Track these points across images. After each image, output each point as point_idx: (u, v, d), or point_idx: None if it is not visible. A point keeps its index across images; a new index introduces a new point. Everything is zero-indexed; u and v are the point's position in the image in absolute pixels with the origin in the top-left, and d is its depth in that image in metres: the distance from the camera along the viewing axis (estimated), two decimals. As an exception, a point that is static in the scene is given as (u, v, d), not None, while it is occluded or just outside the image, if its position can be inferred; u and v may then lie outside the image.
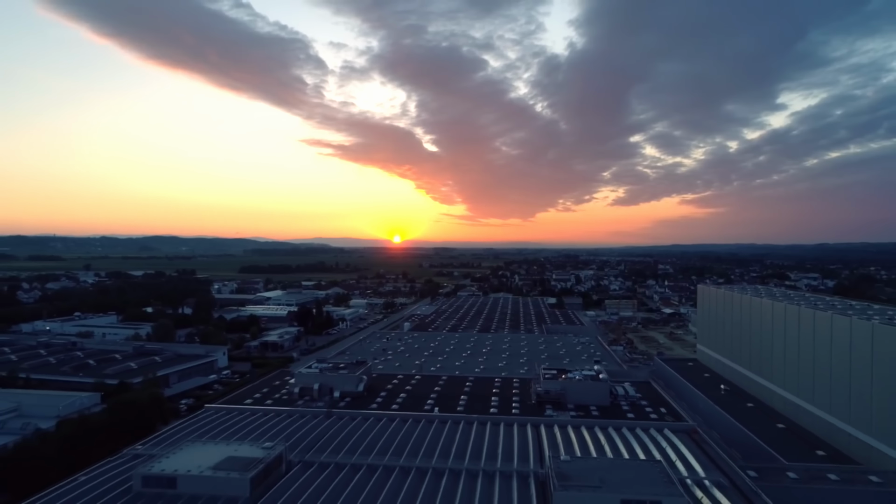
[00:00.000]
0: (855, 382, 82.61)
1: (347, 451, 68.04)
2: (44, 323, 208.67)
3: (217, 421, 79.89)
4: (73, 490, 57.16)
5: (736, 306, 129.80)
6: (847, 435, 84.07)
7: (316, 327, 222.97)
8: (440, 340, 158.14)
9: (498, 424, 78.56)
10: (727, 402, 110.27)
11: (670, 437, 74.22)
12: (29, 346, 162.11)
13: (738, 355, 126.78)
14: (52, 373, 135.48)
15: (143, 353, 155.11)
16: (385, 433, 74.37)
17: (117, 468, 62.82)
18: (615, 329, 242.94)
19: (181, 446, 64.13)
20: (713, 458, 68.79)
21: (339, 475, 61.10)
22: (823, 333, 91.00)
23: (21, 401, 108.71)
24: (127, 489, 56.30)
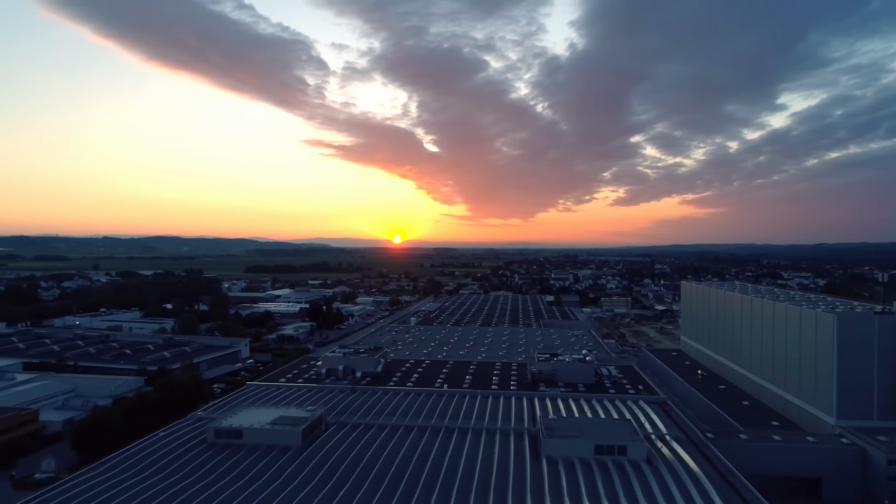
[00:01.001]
0: (803, 362, 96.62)
1: (373, 415, 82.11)
2: (73, 318, 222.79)
3: (260, 393, 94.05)
4: (157, 442, 71.19)
5: (712, 300, 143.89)
6: (797, 408, 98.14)
7: (327, 322, 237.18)
8: (445, 333, 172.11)
9: (498, 397, 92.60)
10: (702, 385, 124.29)
11: (643, 406, 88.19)
12: (66, 338, 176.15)
13: (714, 344, 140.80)
14: (96, 360, 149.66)
15: (173, 343, 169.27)
16: (403, 403, 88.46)
17: (187, 427, 76.91)
18: (609, 324, 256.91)
19: (238, 410, 78.28)
20: (677, 422, 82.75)
21: (369, 432, 75.09)
22: (779, 321, 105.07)
23: (77, 383, 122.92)
24: (202, 440, 70.41)
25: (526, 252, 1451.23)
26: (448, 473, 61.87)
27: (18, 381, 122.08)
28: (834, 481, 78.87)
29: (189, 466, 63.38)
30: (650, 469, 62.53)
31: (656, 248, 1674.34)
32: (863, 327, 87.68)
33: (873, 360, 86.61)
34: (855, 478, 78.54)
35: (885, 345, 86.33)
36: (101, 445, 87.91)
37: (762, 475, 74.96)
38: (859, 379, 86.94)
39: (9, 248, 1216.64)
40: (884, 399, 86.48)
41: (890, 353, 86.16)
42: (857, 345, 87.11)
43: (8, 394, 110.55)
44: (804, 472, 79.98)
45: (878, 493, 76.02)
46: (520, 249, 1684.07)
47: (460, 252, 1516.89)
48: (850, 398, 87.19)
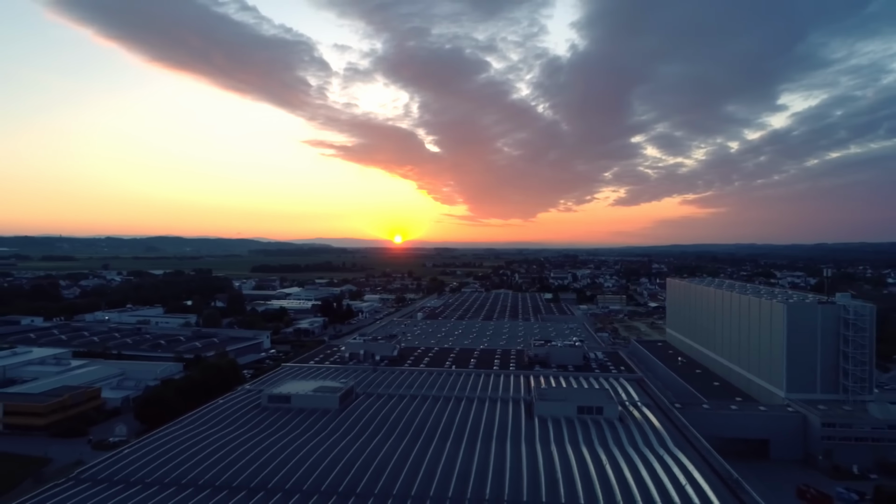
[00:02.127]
0: (762, 345, 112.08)
1: (394, 388, 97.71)
2: (103, 313, 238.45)
3: (294, 372, 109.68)
4: (218, 407, 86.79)
5: (692, 295, 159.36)
6: (757, 385, 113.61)
7: (338, 318, 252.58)
8: (450, 326, 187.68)
9: (499, 375, 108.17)
10: (680, 369, 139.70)
11: (622, 382, 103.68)
12: (102, 331, 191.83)
13: (693, 334, 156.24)
14: (134, 349, 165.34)
15: (201, 335, 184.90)
16: (418, 379, 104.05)
17: (240, 396, 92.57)
18: (603, 320, 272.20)
19: (283, 382, 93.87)
20: (650, 394, 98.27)
21: (391, 400, 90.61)
22: (743, 311, 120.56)
23: (125, 368, 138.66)
24: (256, 405, 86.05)
25: (526, 252, 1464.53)
26: (459, 428, 77.41)
27: (74, 366, 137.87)
28: (779, 442, 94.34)
29: (251, 422, 79.02)
30: (621, 425, 78.03)
31: (657, 248, 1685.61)
32: (808, 315, 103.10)
33: (817, 342, 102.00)
34: (796, 439, 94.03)
35: (827, 330, 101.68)
36: (159, 416, 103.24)
37: (720, 437, 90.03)
38: (805, 359, 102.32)
39: (13, 248, 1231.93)
40: (825, 375, 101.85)
41: (830, 337, 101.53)
42: (803, 330, 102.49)
43: (70, 376, 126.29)
44: (755, 434, 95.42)
45: (815, 451, 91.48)
46: (520, 249, 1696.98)
47: (461, 252, 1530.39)
48: (797, 375, 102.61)
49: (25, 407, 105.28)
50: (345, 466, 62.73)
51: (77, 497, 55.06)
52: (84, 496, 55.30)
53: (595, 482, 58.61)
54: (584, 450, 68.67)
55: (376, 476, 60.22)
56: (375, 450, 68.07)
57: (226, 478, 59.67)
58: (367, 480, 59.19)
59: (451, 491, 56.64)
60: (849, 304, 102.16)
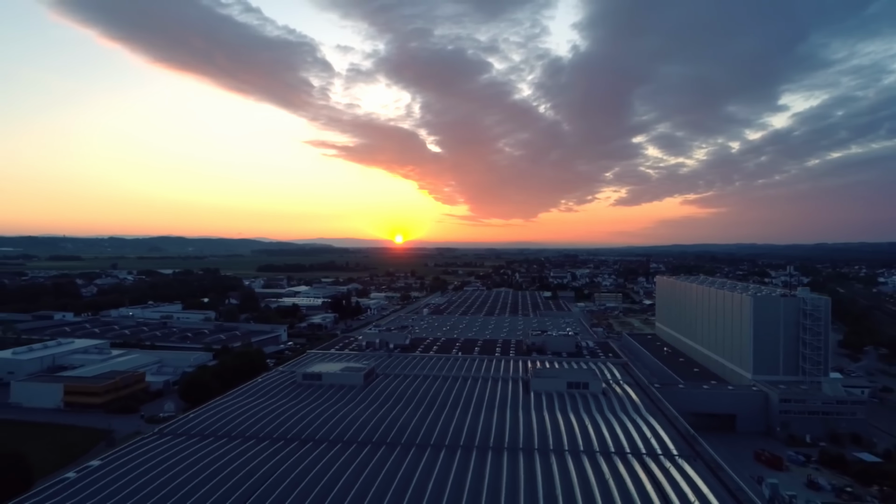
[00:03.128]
0: (733, 333, 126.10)
1: (409, 369, 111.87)
2: (127, 309, 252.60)
3: (320, 357, 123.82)
4: (260, 384, 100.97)
5: (677, 291, 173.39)
6: (729, 369, 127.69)
7: (348, 313, 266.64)
8: (455, 320, 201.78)
9: (500, 360, 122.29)
10: (665, 357, 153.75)
11: (609, 365, 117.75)
12: (131, 325, 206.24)
13: (678, 326, 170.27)
14: (164, 341, 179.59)
15: (223, 329, 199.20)
16: (429, 363, 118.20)
17: (276, 375, 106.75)
18: (599, 316, 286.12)
19: (312, 364, 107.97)
20: (632, 375, 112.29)
21: (406, 379, 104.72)
22: (718, 303, 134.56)
23: (161, 356, 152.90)
24: (292, 381, 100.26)
25: (527, 252, 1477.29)
26: (466, 400, 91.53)
27: (115, 354, 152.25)
28: (744, 417, 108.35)
29: (290, 395, 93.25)
30: (604, 397, 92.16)
31: (657, 247, 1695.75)
32: (772, 307, 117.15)
33: (779, 330, 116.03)
34: (759, 414, 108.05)
35: (788, 319, 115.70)
36: (200, 395, 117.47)
37: (693, 412, 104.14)
38: (769, 345, 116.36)
39: (18, 248, 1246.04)
40: (787, 359, 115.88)
41: (791, 326, 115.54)
42: (768, 319, 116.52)
43: (115, 362, 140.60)
44: (723, 410, 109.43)
45: (774, 424, 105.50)
46: (521, 249, 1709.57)
47: (462, 252, 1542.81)
48: (762, 359, 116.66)
49: (84, 388, 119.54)
50: (373, 426, 76.85)
51: (165, 444, 69.25)
52: (170, 444, 69.48)
53: (578, 436, 72.73)
54: (571, 415, 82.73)
55: (400, 433, 74.33)
56: (397, 415, 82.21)
57: (278, 433, 73.87)
58: (392, 436, 73.29)
59: (463, 441, 70.83)
60: (807, 297, 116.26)
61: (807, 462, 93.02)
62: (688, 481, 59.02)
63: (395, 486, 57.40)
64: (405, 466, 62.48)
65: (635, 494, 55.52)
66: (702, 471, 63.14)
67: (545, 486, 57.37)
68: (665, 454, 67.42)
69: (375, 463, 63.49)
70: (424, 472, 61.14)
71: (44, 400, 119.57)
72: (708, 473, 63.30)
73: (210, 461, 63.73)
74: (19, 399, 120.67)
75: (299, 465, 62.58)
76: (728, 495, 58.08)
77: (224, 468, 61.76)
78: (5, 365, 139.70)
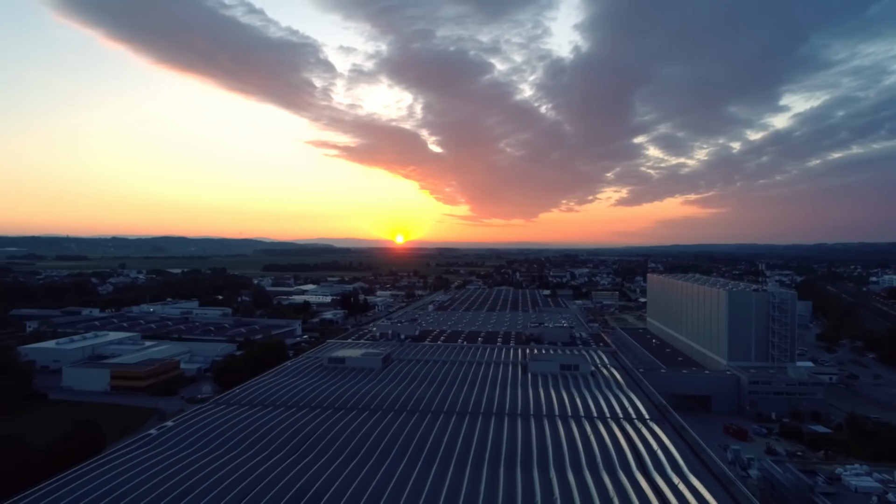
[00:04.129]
0: (711, 324, 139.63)
1: (420, 355, 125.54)
2: (147, 306, 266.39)
3: (340, 345, 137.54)
4: (290, 367, 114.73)
5: (666, 287, 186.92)
6: (708, 356, 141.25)
7: (357, 310, 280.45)
8: (458, 315, 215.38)
9: (501, 348, 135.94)
10: (652, 348, 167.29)
11: (598, 352, 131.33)
12: (155, 319, 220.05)
13: (666, 320, 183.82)
14: (190, 333, 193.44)
15: (242, 323, 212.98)
16: (437, 350, 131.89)
17: (303, 360, 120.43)
18: (595, 313, 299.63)
19: (335, 350, 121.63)
20: (619, 360, 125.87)
21: (419, 363, 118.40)
22: (699, 297, 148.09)
23: (190, 347, 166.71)
24: (319, 364, 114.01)
25: (528, 252, 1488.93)
26: (472, 379, 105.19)
27: (148, 345, 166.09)
28: (719, 398, 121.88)
29: (318, 375, 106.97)
30: (592, 378, 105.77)
31: (658, 247, 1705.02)
32: (745, 300, 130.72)
33: (751, 321, 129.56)
34: (732, 395, 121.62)
35: (759, 311, 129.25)
36: (232, 379, 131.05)
37: (674, 394, 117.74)
38: (742, 334, 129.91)
39: (22, 248, 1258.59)
40: (758, 347, 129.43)
41: (762, 317, 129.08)
42: (741, 311, 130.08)
43: (150, 352, 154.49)
44: (700, 391, 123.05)
45: (744, 403, 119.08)
46: (522, 249, 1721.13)
47: (463, 252, 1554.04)
48: (736, 346, 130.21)
49: (129, 373, 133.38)
50: (393, 398, 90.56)
51: (221, 411, 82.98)
52: (225, 410, 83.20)
53: (567, 406, 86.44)
54: (562, 391, 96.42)
55: (416, 403, 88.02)
56: (413, 390, 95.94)
57: (314, 403, 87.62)
58: (410, 405, 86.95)
59: (470, 409, 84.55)
60: (776, 292, 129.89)
61: (768, 434, 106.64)
62: (654, 437, 72.76)
63: (416, 441, 71.11)
64: (423, 427, 76.08)
65: (610, 444, 69.29)
66: (668, 431, 76.80)
67: (538, 441, 71.01)
68: (638, 418, 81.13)
69: (398, 425, 77.14)
70: (439, 431, 74.73)
71: (92, 384, 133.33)
72: (673, 432, 76.95)
73: (261, 423, 77.46)
74: (70, 383, 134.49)
75: (335, 427, 76.24)
76: (687, 448, 71.73)
77: (273, 427, 75.50)
78: (51, 354, 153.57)
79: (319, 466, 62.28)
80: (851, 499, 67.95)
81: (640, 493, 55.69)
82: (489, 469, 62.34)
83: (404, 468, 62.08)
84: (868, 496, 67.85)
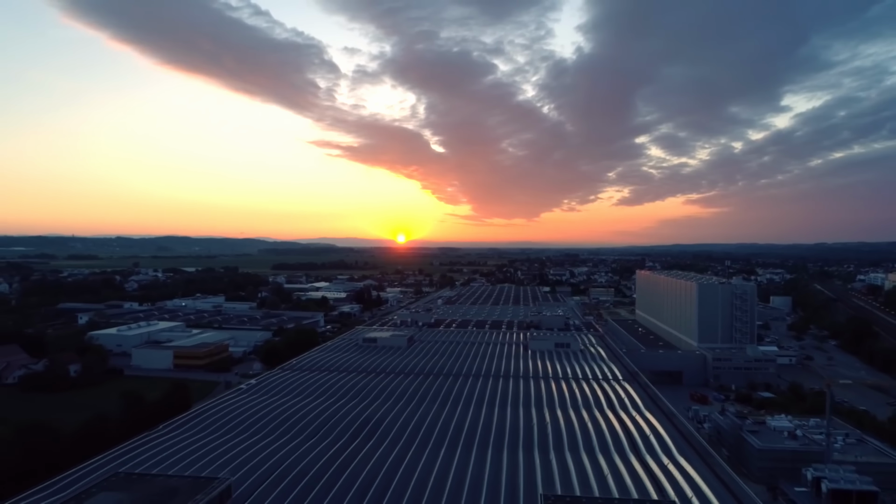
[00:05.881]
0: (685, 312, 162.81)
1: (437, 337, 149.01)
2: (180, 300, 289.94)
3: (369, 330, 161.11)
4: (330, 346, 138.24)
5: (651, 282, 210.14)
6: (683, 340, 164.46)
7: (371, 304, 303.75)
8: (466, 308, 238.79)
9: (506, 332, 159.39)
10: (638, 335, 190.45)
11: (588, 336, 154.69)
12: (190, 312, 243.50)
13: (651, 310, 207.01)
14: (226, 324, 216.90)
15: (271, 315, 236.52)
16: (452, 334, 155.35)
17: (340, 340, 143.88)
18: (591, 307, 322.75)
19: (366, 333, 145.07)
20: (605, 342, 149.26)
21: (437, 343, 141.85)
22: (675, 289, 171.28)
23: (233, 335, 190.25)
24: (355, 344, 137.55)
25: (529, 251, 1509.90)
26: (482, 354, 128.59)
27: (195, 332, 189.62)
28: (689, 373, 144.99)
29: (356, 352, 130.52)
30: (581, 354, 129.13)
31: (659, 247, 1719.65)
32: (712, 291, 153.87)
33: (718, 309, 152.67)
34: (700, 370, 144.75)
35: (724, 301, 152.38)
36: (276, 359, 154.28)
37: (652, 370, 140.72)
38: (710, 320, 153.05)
39: (30, 247, 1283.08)
40: (723, 331, 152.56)
41: (727, 306, 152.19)
42: (709, 301, 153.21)
43: (202, 337, 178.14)
44: (673, 368, 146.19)
45: (709, 377, 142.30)
46: (523, 249, 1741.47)
47: (465, 251, 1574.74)
48: (705, 330, 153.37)
49: (190, 353, 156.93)
50: (420, 366, 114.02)
51: (287, 374, 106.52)
52: (291, 374, 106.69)
53: (559, 371, 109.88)
54: (556, 362, 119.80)
55: (439, 370, 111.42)
56: (435, 361, 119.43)
57: (358, 369, 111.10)
58: (435, 371, 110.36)
59: (483, 373, 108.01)
60: (738, 284, 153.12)
61: (725, 399, 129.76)
62: (623, 390, 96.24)
63: (442, 393, 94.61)
64: (445, 386, 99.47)
65: (589, 394, 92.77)
66: (636, 387, 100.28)
67: (535, 393, 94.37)
68: (613, 379, 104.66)
69: (426, 384, 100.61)
70: (459, 389, 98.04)
71: (158, 363, 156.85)
72: (639, 388, 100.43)
73: (321, 381, 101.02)
74: (139, 362, 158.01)
75: (378, 384, 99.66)
76: (648, 399, 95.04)
77: (331, 383, 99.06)
78: (115, 339, 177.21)
79: (372, 405, 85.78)
80: (769, 434, 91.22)
81: (608, 423, 78.83)
82: (499, 408, 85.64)
83: (431, 406, 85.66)
84: (781, 432, 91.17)
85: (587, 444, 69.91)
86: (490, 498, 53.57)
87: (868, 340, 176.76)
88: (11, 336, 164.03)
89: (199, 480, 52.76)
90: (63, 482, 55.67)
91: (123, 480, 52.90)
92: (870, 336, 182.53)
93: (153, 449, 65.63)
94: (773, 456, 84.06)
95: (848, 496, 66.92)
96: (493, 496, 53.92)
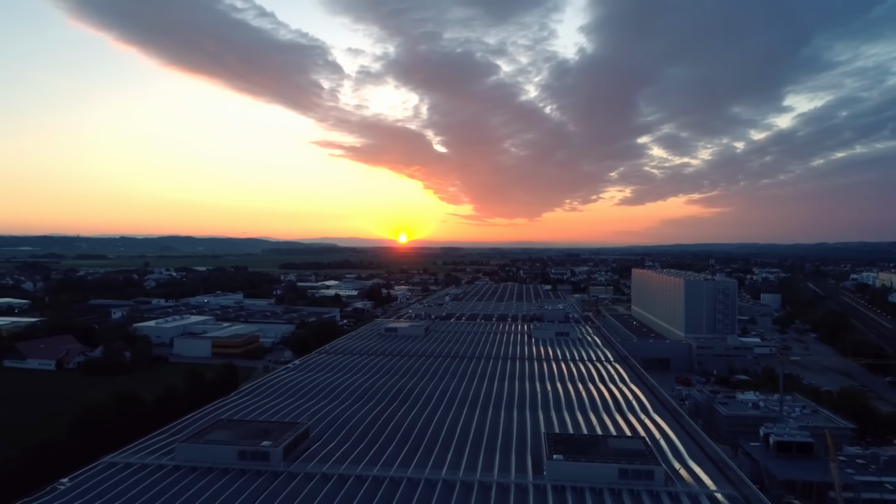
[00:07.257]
0: (673, 306, 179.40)
1: (450, 327, 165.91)
2: (202, 297, 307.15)
3: (388, 321, 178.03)
4: (355, 335, 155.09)
5: (645, 279, 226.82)
6: (671, 331, 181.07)
7: (382, 301, 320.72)
8: (472, 304, 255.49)
9: (511, 323, 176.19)
10: (633, 328, 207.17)
11: (586, 327, 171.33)
12: (215, 307, 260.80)
13: (644, 305, 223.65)
14: (252, 318, 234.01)
15: (291, 310, 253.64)
16: (463, 325, 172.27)
17: (364, 329, 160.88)
18: (590, 304, 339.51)
19: (387, 323, 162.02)
20: (601, 332, 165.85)
21: (451, 333, 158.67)
22: (665, 285, 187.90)
23: (260, 327, 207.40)
24: (378, 333, 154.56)
25: (531, 251, 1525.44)
26: (491, 341, 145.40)
27: (225, 325, 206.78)
28: (676, 359, 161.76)
29: (379, 340, 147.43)
30: (579, 341, 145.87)
31: (660, 247, 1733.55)
32: (698, 287, 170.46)
33: (703, 303, 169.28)
34: (685, 357, 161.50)
35: (709, 296, 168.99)
36: (303, 348, 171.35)
37: (643, 357, 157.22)
38: (696, 313, 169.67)
39: (37, 247, 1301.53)
40: (708, 323, 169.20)
41: (711, 300, 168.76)
42: (695, 295, 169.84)
43: (234, 329, 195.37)
44: (662, 355, 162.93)
45: (694, 363, 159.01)
46: (525, 249, 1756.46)
47: (467, 251, 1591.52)
48: (691, 322, 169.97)
49: (226, 342, 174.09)
50: (437, 351, 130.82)
51: (324, 357, 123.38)
52: (327, 357, 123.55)
53: (559, 354, 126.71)
54: (556, 348, 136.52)
55: (454, 352, 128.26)
56: (451, 347, 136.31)
57: (383, 353, 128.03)
58: (451, 354, 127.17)
59: (493, 354, 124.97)
60: (721, 280, 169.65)
61: (707, 382, 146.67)
62: (614, 369, 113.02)
63: (459, 371, 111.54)
64: (461, 365, 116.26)
65: (584, 372, 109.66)
66: (625, 367, 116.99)
67: (538, 371, 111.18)
68: (606, 361, 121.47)
69: (444, 365, 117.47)
70: (474, 367, 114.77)
71: (197, 351, 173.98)
72: (627, 368, 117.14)
73: (354, 362, 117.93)
74: (180, 351, 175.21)
75: (402, 364, 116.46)
76: (635, 376, 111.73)
77: (363, 364, 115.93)
78: (154, 331, 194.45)
79: (402, 380, 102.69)
80: (736, 405, 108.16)
81: (599, 392, 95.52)
82: (508, 382, 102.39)
83: (452, 381, 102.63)
84: (746, 403, 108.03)
85: (581, 405, 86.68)
86: (505, 439, 70.37)
87: (842, 332, 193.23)
88: (65, 328, 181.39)
89: (284, 424, 69.60)
90: (180, 426, 72.56)
91: (227, 424, 69.78)
92: (845, 329, 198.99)
93: (236, 407, 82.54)
94: (737, 421, 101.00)
95: (789, 446, 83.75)
96: (507, 437, 70.73)
